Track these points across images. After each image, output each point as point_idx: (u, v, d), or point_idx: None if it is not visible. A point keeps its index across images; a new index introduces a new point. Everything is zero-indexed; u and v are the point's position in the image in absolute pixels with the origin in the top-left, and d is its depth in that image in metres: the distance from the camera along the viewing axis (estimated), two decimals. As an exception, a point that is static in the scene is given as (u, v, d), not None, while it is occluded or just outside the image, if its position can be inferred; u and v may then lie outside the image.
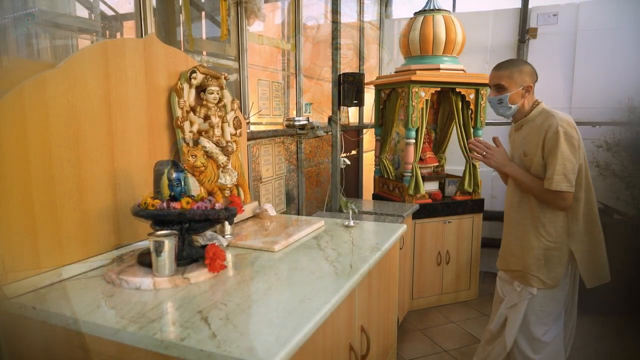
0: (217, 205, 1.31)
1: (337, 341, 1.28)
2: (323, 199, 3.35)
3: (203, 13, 2.26)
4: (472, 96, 3.44)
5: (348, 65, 3.82)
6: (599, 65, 3.75)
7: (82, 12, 1.81)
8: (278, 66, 2.81)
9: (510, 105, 1.92)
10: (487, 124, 3.84)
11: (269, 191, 2.61)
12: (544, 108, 1.92)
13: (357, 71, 3.97)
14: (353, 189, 4.17)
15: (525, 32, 3.89)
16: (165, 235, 1.21)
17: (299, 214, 3.05)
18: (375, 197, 3.85)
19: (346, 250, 1.56)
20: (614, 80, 3.69)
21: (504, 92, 1.90)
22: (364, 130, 4.17)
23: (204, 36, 2.23)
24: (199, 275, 1.26)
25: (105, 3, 1.85)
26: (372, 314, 1.62)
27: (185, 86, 1.67)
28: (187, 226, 1.31)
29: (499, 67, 1.94)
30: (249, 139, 2.29)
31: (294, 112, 2.99)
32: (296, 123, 2.69)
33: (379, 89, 3.76)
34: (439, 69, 3.35)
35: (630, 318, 3.29)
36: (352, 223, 1.88)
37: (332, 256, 1.49)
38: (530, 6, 3.91)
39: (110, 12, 1.88)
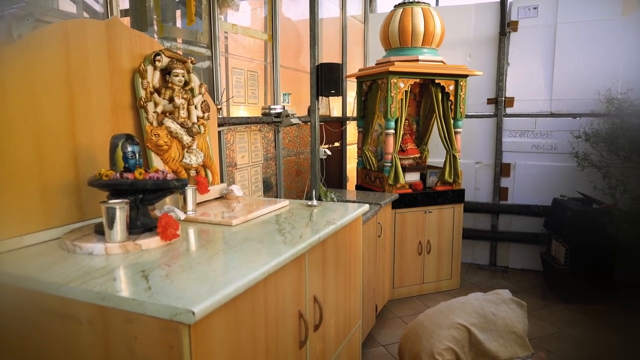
0: (169, 176, 1.37)
1: (283, 305, 1.32)
2: (303, 189, 3.41)
3: (176, 1, 2.32)
4: (451, 87, 3.49)
5: (331, 57, 3.87)
6: (578, 58, 3.79)
7: (69, 6, 1.87)
8: (255, 56, 2.87)
9: None
10: (467, 116, 3.89)
11: (245, 178, 2.67)
12: None
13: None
14: (337, 180, 4.22)
15: (506, 25, 3.94)
16: (117, 203, 1.26)
17: (278, 202, 3.10)
18: (358, 188, 3.91)
19: (301, 225, 1.61)
20: (593, 72, 3.74)
21: None
22: (347, 122, 4.22)
23: (178, 24, 2.29)
24: (151, 243, 1.32)
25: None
26: (329, 287, 1.67)
27: (150, 68, 1.73)
28: (141, 197, 1.36)
29: None
30: (221, 124, 2.35)
31: (273, 102, 3.05)
32: (272, 111, 2.75)
33: (360, 81, 3.82)
34: (417, 60, 3.40)
35: (604, 305, 3.33)
36: (315, 203, 1.94)
37: (286, 229, 1.54)
38: (510, -1, 3.96)
39: (97, 7, 1.93)
